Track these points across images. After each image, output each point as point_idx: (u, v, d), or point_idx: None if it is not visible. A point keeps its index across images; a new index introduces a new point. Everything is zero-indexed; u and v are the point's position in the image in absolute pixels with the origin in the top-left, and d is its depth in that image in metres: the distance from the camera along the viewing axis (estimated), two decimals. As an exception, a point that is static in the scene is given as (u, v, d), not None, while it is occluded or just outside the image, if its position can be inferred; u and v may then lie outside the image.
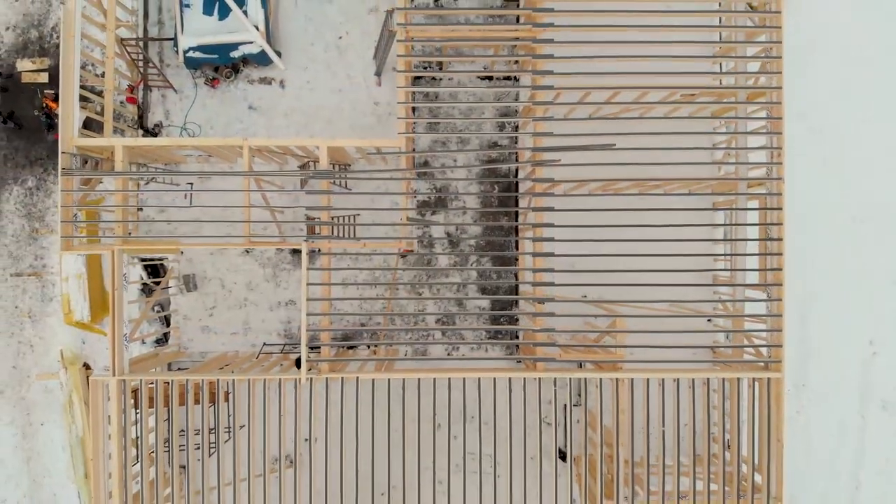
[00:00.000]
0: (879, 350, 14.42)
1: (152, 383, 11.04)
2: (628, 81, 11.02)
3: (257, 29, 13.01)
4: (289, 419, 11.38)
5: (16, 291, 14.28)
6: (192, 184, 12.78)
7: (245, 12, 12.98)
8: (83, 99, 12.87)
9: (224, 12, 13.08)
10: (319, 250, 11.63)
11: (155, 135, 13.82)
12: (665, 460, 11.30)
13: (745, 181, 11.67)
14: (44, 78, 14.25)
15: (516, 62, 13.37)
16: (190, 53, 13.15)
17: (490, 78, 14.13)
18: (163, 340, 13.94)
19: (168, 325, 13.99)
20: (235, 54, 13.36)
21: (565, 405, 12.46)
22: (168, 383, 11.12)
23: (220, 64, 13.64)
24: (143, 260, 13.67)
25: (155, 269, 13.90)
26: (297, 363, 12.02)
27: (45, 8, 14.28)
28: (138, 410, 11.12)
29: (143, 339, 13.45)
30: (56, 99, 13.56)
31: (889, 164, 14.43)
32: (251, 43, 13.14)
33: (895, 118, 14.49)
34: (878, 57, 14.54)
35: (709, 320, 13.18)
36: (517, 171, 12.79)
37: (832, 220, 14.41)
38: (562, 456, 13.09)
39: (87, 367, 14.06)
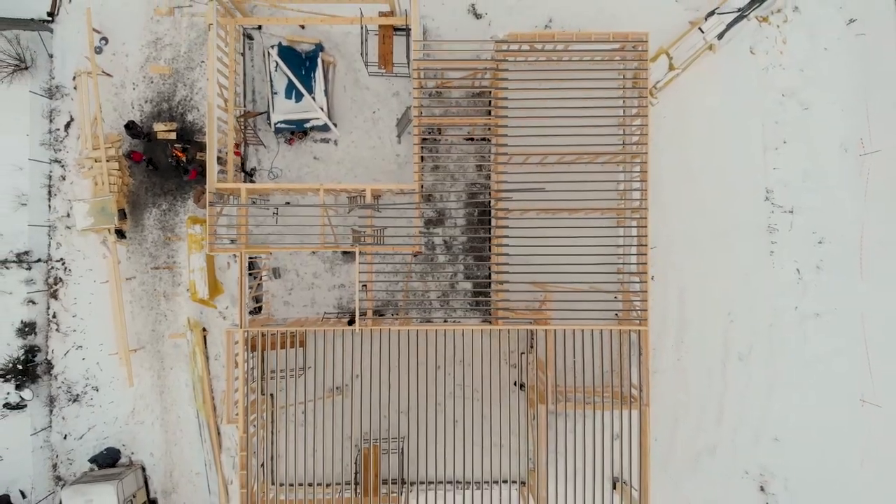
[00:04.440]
0: (735, 319, 19.03)
1: (265, 334, 17.04)
2: (557, 149, 15.94)
3: (322, 109, 17.98)
4: (346, 360, 16.68)
5: (154, 279, 19.25)
6: (277, 208, 17.99)
7: (313, 98, 18.04)
8: (202, 149, 18.48)
9: (299, 98, 18.09)
10: (362, 252, 16.56)
11: (251, 175, 18.89)
12: (577, 382, 16.57)
13: (630, 209, 16.62)
14: (172, 136, 18.96)
15: (489, 129, 16.71)
16: (278, 125, 18.16)
17: (472, 139, 18.03)
18: (254, 311, 18.58)
19: (257, 301, 18.92)
20: (307, 125, 18.17)
21: (522, 352, 17.62)
22: (274, 334, 17.04)
23: (296, 130, 18.46)
24: (241, 258, 18.81)
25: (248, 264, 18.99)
26: (349, 323, 16.40)
27: (172, 89, 19.30)
28: (254, 352, 16.94)
29: (241, 310, 18.68)
30: (183, 150, 19.18)
31: (733, 199, 19.04)
32: (318, 118, 18.07)
33: (735, 168, 19.01)
34: (725, 124, 19.00)
35: (615, 297, 17.52)
36: (490, 201, 16.05)
37: (697, 236, 18.93)
38: (516, 384, 18.30)
39: (204, 330, 19.02)
